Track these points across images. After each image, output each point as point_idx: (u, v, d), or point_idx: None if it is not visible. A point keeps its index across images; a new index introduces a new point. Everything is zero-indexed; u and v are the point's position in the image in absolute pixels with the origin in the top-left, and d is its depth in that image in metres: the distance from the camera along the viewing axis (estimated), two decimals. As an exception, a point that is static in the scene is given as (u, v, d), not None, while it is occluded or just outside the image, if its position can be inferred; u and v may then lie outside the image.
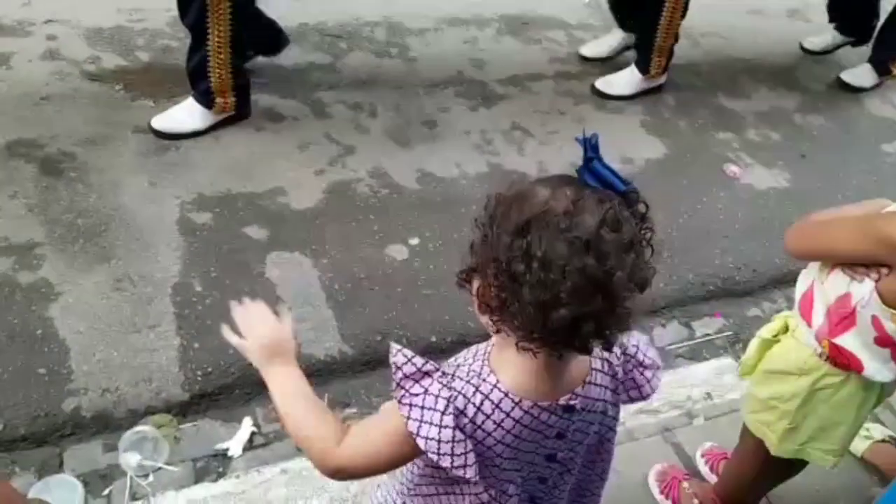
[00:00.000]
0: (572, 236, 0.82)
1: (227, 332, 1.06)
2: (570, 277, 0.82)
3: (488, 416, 0.93)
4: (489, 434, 0.94)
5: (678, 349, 2.28)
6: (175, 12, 2.94)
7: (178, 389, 1.88)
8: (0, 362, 1.83)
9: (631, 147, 3.04)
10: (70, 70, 2.77)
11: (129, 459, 1.71)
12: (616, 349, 1.01)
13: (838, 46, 3.85)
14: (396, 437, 0.94)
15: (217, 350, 1.97)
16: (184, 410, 1.87)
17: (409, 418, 0.91)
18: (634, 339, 1.06)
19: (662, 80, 3.38)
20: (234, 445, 1.80)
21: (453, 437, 0.90)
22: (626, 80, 3.32)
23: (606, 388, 1.02)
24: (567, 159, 2.88)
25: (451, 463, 0.91)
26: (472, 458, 0.92)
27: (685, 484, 1.77)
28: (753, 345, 1.44)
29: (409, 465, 1.10)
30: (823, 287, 1.26)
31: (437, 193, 2.63)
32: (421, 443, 0.91)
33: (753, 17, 4.23)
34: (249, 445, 1.83)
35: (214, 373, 1.94)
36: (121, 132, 2.56)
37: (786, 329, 1.37)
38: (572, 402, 0.97)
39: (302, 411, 1.02)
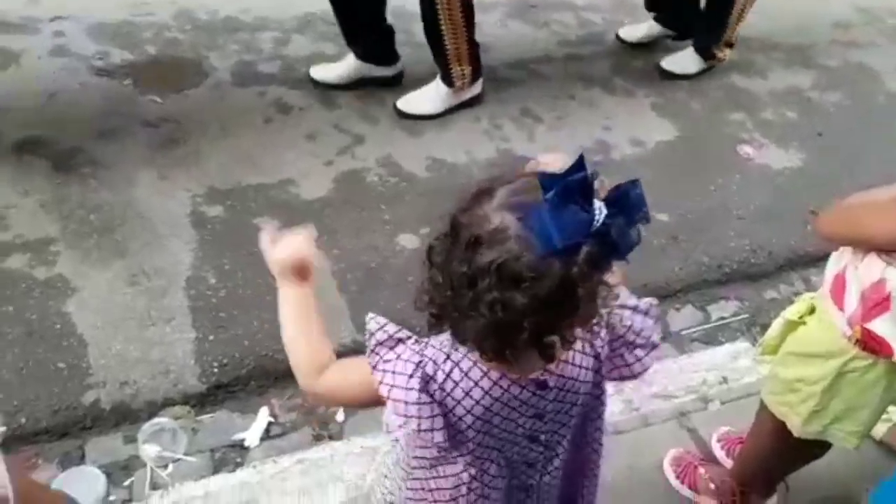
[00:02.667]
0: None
1: (263, 238, 1.10)
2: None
3: (457, 384, 0.95)
4: (458, 402, 0.96)
5: (693, 333, 2.27)
6: (182, 4, 2.97)
7: (195, 381, 1.90)
8: (20, 357, 1.85)
9: (642, 130, 3.01)
10: (78, 66, 2.78)
11: (149, 450, 1.74)
12: (602, 330, 1.00)
13: (656, 38, 3.54)
14: (370, 387, 0.98)
15: (233, 342, 1.99)
16: (201, 402, 1.89)
17: (381, 382, 0.95)
18: (628, 319, 1.04)
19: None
20: (251, 436, 1.82)
21: (419, 398, 0.94)
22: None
23: (586, 368, 1.01)
24: (577, 141, 2.87)
25: (419, 426, 0.95)
26: (439, 422, 0.95)
27: (701, 469, 1.76)
28: (777, 325, 1.43)
29: (406, 451, 1.11)
30: (857, 272, 1.24)
31: (448, 181, 2.62)
32: (390, 405, 0.95)
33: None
34: (266, 435, 1.84)
35: (230, 364, 1.95)
36: (130, 126, 2.57)
37: (811, 311, 1.36)
38: (543, 378, 0.97)
39: (299, 331, 1.06)
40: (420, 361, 0.95)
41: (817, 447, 1.47)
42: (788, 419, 1.42)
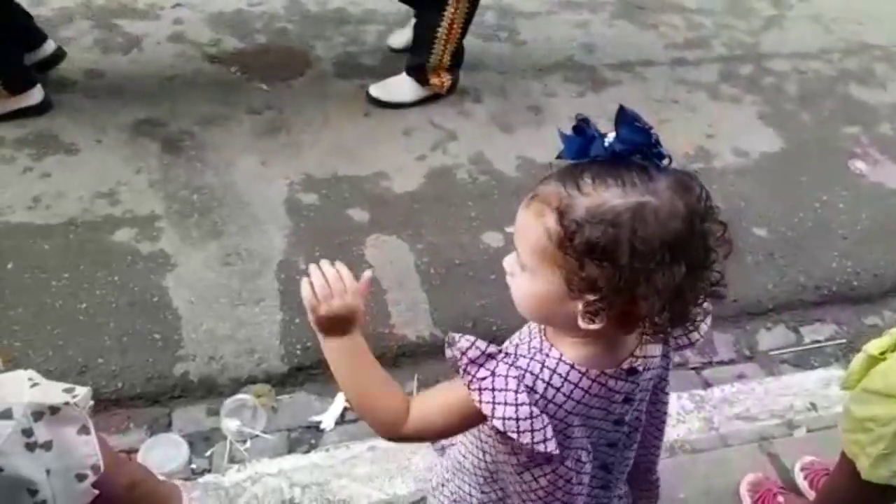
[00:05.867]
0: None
1: (305, 286, 1.02)
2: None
3: (558, 390, 0.94)
4: (560, 406, 0.94)
5: (783, 355, 2.16)
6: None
7: (278, 362, 1.98)
8: (122, 326, 1.98)
9: (746, 139, 2.89)
10: (193, 52, 2.93)
11: (230, 425, 1.82)
12: None
13: None
14: (462, 413, 0.96)
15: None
16: (282, 382, 1.96)
17: (481, 402, 0.91)
18: None
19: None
20: (327, 419, 1.88)
21: (530, 413, 0.91)
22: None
23: (661, 342, 1.01)
24: (677, 148, 2.78)
25: (532, 439, 0.91)
26: (550, 431, 0.93)
27: (780, 498, 1.69)
28: (858, 359, 1.35)
29: (478, 454, 1.11)
30: None
31: (537, 181, 2.59)
32: (498, 423, 0.91)
33: (895, 3, 3.92)
34: (341, 420, 1.89)
35: (313, 348, 2.01)
36: (236, 113, 2.69)
37: (895, 347, 1.28)
38: (636, 365, 0.97)
39: (366, 385, 1.02)
40: (519, 374, 0.92)
41: (893, 493, 1.37)
42: (858, 460, 1.34)
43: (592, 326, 0.88)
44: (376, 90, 2.80)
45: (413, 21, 2.92)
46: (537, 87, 3.04)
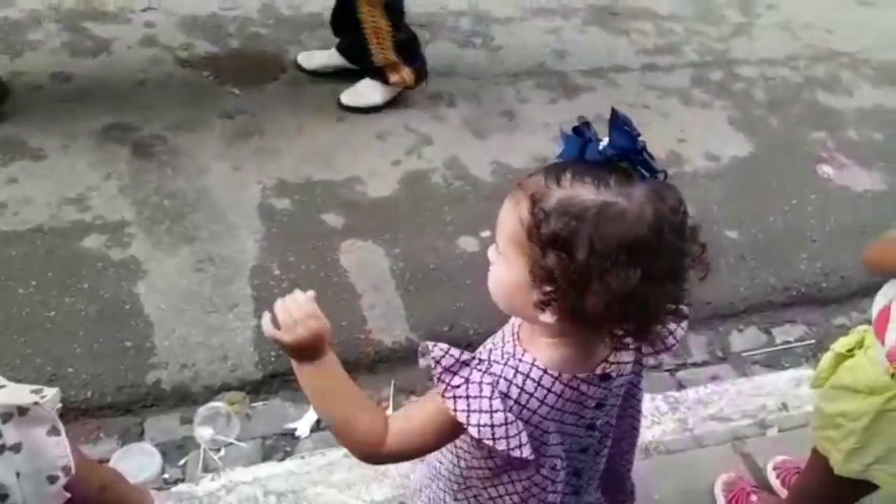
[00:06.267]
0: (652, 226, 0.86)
1: (266, 323, 1.00)
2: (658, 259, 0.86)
3: (532, 395, 0.94)
4: (534, 412, 0.95)
5: (755, 356, 2.20)
6: None
7: (252, 368, 1.96)
8: (92, 334, 1.95)
9: (717, 143, 2.94)
10: (164, 56, 2.89)
11: (203, 433, 1.79)
12: None
13: (338, 68, 2.91)
14: (440, 424, 0.95)
15: (290, 332, 2.03)
16: (256, 389, 1.94)
17: (455, 410, 0.92)
18: None
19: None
20: (302, 426, 1.86)
21: (505, 419, 0.91)
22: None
23: (630, 350, 1.02)
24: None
25: (508, 445, 0.92)
26: (524, 437, 0.93)
27: (753, 497, 1.71)
28: (827, 358, 1.38)
29: (453, 460, 1.11)
30: None
31: (511, 185, 2.60)
32: (473, 431, 0.91)
33: (864, 9, 4.00)
34: (316, 427, 1.88)
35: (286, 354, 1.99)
36: (208, 118, 2.66)
37: (861, 344, 1.30)
38: (609, 371, 0.98)
39: (344, 407, 1.00)
40: (493, 381, 0.92)
41: (864, 486, 1.40)
42: (830, 455, 1.36)
43: (544, 317, 0.89)
44: (347, 97, 2.79)
45: (333, 49, 2.90)
46: (511, 93, 3.05)
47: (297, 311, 0.99)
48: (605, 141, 0.87)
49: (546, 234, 0.85)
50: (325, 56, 2.91)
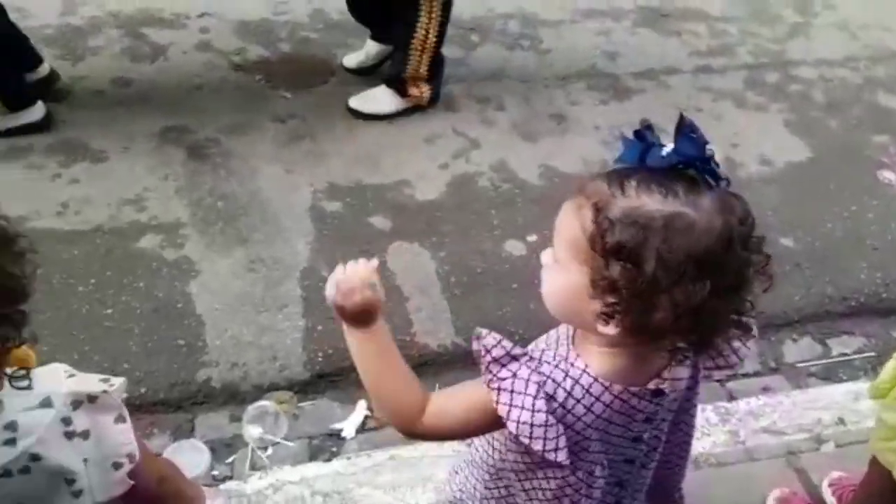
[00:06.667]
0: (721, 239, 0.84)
1: (329, 286, 1.04)
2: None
3: (578, 401, 0.93)
4: (579, 418, 0.94)
5: (811, 367, 2.13)
6: (317, 4, 3.08)
7: (300, 368, 1.98)
8: (146, 332, 2.00)
9: (772, 148, 2.86)
10: (219, 61, 2.96)
11: (252, 432, 1.83)
12: None
13: (382, 59, 2.94)
14: (481, 412, 0.95)
15: (339, 333, 1.99)
16: (304, 389, 1.96)
17: (498, 402, 0.91)
18: None
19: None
20: (348, 427, 1.88)
21: (546, 420, 0.90)
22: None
23: (689, 365, 1.00)
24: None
25: (543, 447, 0.91)
26: (563, 441, 0.92)
27: (808, 513, 1.66)
28: (890, 367, 1.33)
29: (487, 450, 1.11)
30: None
31: (560, 189, 2.59)
32: (512, 426, 0.91)
33: (924, 8, 3.86)
34: (362, 428, 1.89)
35: (335, 355, 2.02)
36: (260, 121, 2.71)
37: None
38: (662, 387, 0.96)
39: (386, 376, 1.02)
40: (541, 380, 0.91)
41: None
42: (894, 469, 1.31)
43: (606, 329, 0.88)
44: (356, 101, 2.78)
45: (368, 41, 2.92)
46: (560, 96, 3.03)
47: (356, 279, 1.02)
48: (668, 146, 0.85)
49: (611, 244, 0.84)
50: (362, 52, 2.93)
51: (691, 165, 0.85)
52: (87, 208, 2.30)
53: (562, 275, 0.92)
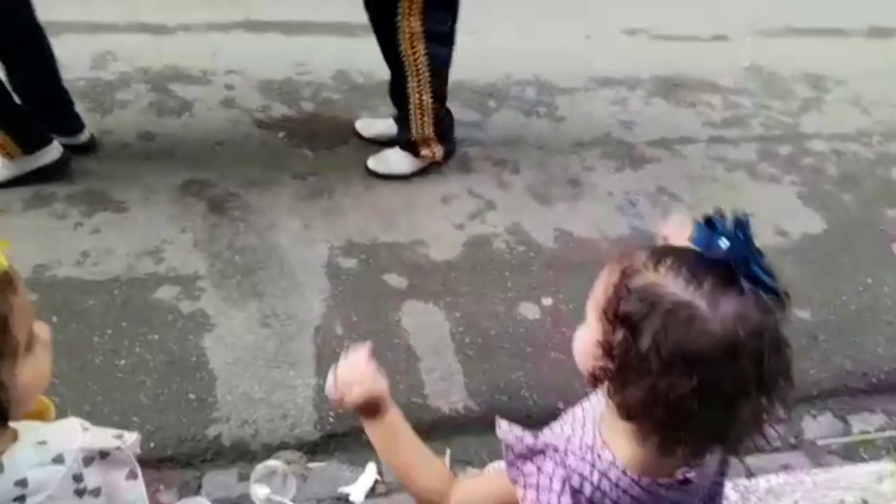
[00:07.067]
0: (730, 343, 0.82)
1: (328, 386, 1.08)
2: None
3: (605, 494, 0.92)
4: None
5: (831, 445, 2.09)
6: (340, 66, 3.15)
7: (311, 428, 1.96)
8: (158, 384, 1.99)
9: (786, 219, 2.87)
10: (242, 118, 3.02)
11: (259, 492, 1.79)
12: None
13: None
14: (505, 500, 0.95)
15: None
16: (313, 449, 1.93)
17: (525, 499, 0.92)
18: None
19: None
20: (356, 492, 1.84)
21: None
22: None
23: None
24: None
25: None
26: None
27: None
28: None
29: None
30: None
31: (575, 254, 2.60)
32: None
33: (936, 86, 3.92)
34: (371, 493, 1.86)
35: (345, 415, 1.99)
36: (281, 177, 2.75)
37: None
38: (690, 476, 0.94)
39: (410, 459, 1.05)
40: (566, 475, 0.91)
41: None
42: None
43: (594, 392, 0.89)
44: (374, 163, 2.82)
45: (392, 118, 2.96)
46: (575, 162, 3.07)
47: (353, 374, 1.05)
48: (724, 242, 0.85)
49: (621, 311, 0.85)
50: (382, 125, 2.97)
51: (737, 264, 0.84)
52: (106, 258, 2.32)
53: (585, 329, 0.95)
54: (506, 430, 0.95)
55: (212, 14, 3.62)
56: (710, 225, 0.87)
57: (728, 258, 0.84)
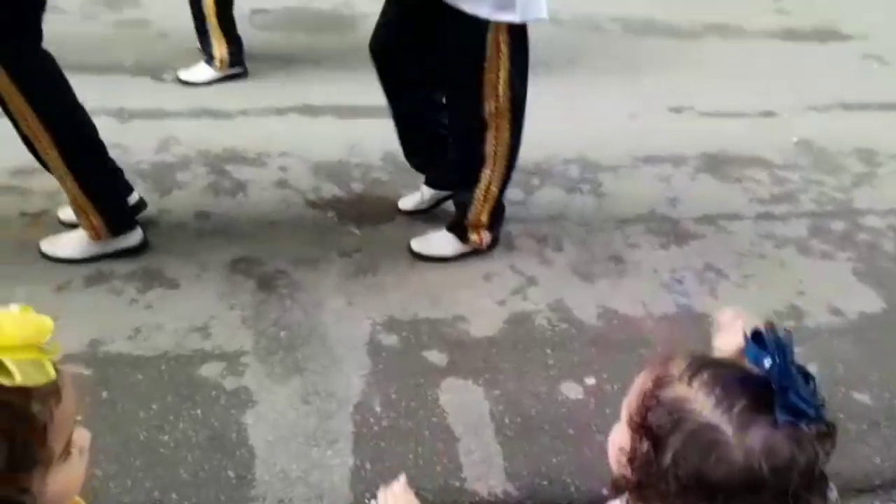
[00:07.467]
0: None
1: None
2: None
3: None
4: None
5: (893, 540, 1.97)
6: (390, 149, 3.25)
7: (346, 509, 1.95)
8: (199, 461, 2.02)
9: (841, 297, 2.79)
10: (295, 199, 3.14)
11: (294, 572, 1.78)
12: None
13: (437, 202, 3.04)
14: None
15: (387, 474, 2.01)
16: (348, 532, 1.92)
17: None
18: None
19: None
20: (391, 575, 1.81)
21: None
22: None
23: None
24: (767, 305, 2.71)
25: None
26: None
27: None
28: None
29: None
30: None
31: (619, 332, 2.57)
32: None
33: None
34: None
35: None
36: (328, 254, 2.82)
37: None
38: None
39: None
40: None
41: None
42: None
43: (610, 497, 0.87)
44: (417, 244, 2.85)
45: (423, 186, 3.03)
46: (619, 238, 3.06)
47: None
48: (768, 360, 0.80)
49: (647, 422, 0.84)
50: (417, 195, 3.05)
51: (778, 391, 0.79)
52: (156, 334, 2.40)
53: (618, 430, 0.93)
54: None
55: (269, 99, 3.82)
56: (756, 339, 0.83)
57: (769, 379, 0.80)
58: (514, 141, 2.64)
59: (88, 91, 2.61)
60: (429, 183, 3.04)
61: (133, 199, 2.83)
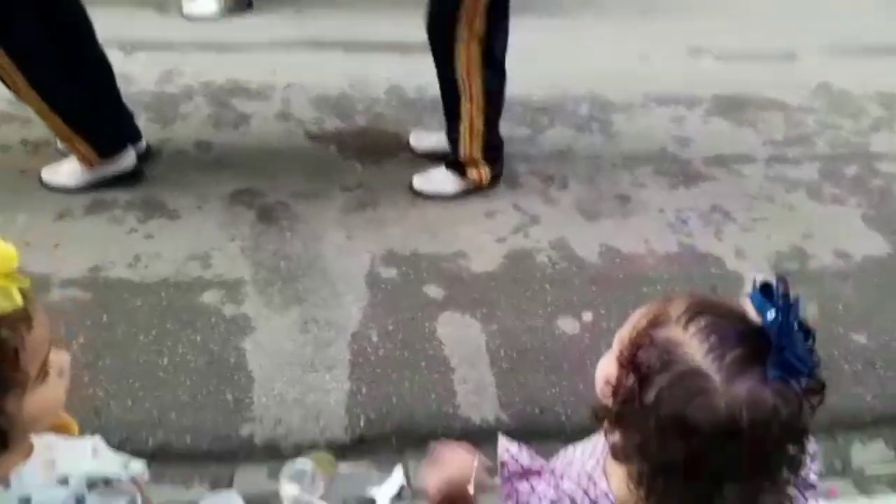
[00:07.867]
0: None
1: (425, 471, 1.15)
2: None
3: None
4: None
5: (881, 475, 1.97)
6: (395, 82, 3.19)
7: (341, 431, 1.98)
8: (197, 384, 2.05)
9: (848, 242, 2.75)
10: (296, 130, 3.11)
11: (289, 490, 1.82)
12: None
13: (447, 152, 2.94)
14: None
15: (382, 398, 2.06)
16: (343, 451, 1.96)
17: None
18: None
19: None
20: (382, 495, 1.85)
21: None
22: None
23: None
24: (771, 248, 2.68)
25: None
26: None
27: None
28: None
29: None
30: None
31: (619, 269, 2.56)
32: None
33: None
34: (397, 498, 1.86)
35: (377, 420, 2.02)
36: (329, 188, 2.81)
37: None
38: None
39: None
40: (557, 498, 0.92)
41: None
42: None
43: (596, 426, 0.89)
44: (419, 182, 2.83)
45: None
46: (627, 178, 3.02)
47: (449, 460, 1.15)
48: (771, 314, 0.79)
49: (638, 359, 0.84)
50: (433, 139, 3.00)
51: (775, 345, 0.78)
52: (156, 262, 2.42)
53: (607, 359, 0.93)
54: (503, 449, 0.96)
55: (275, 33, 3.76)
56: (765, 291, 0.81)
57: (767, 333, 0.79)
58: (490, 76, 2.56)
59: (93, 23, 2.57)
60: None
61: (141, 147, 2.80)
